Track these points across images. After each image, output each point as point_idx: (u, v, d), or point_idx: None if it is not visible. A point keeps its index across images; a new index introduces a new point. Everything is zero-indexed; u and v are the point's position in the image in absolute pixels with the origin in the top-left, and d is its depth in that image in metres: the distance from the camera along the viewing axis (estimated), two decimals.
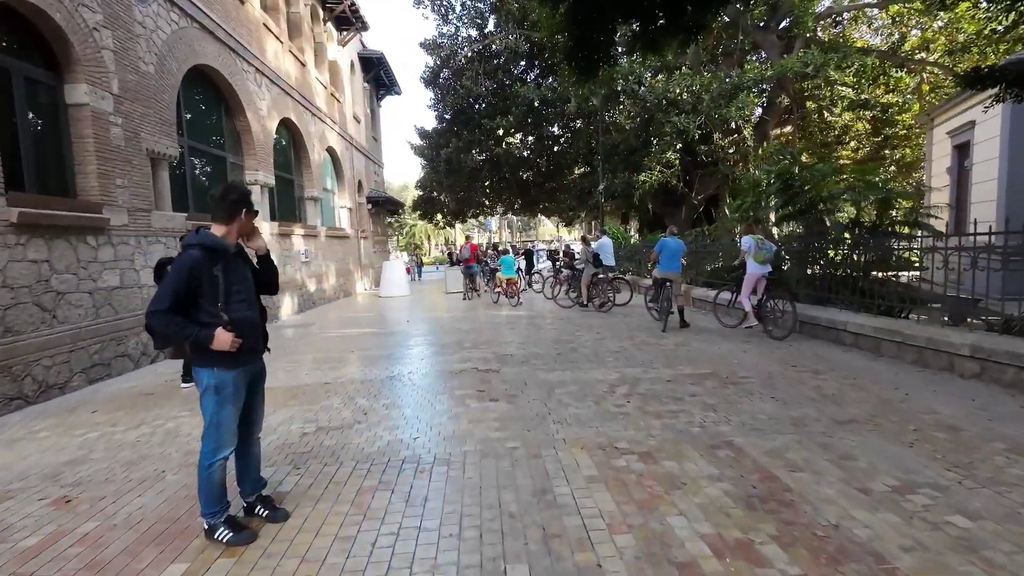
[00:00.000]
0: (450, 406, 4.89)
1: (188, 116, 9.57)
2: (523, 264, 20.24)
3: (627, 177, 19.79)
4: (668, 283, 8.85)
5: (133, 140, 7.44)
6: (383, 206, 21.99)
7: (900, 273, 8.00)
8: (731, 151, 17.53)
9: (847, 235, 8.19)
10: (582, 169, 26.02)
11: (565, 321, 10.08)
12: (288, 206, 13.92)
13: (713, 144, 17.54)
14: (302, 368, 6.78)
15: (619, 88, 18.29)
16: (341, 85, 18.20)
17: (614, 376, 5.70)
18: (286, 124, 13.46)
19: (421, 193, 28.64)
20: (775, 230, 11.66)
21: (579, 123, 23.63)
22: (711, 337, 7.93)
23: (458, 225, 39.53)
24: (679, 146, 16.86)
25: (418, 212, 29.51)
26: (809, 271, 8.91)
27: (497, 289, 14.80)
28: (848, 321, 6.88)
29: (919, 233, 7.41)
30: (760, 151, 16.51)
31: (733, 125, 16.71)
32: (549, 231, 65.38)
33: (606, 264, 12.20)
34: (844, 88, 15.58)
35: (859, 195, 8.69)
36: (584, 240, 12.89)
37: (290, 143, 14.07)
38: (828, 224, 9.26)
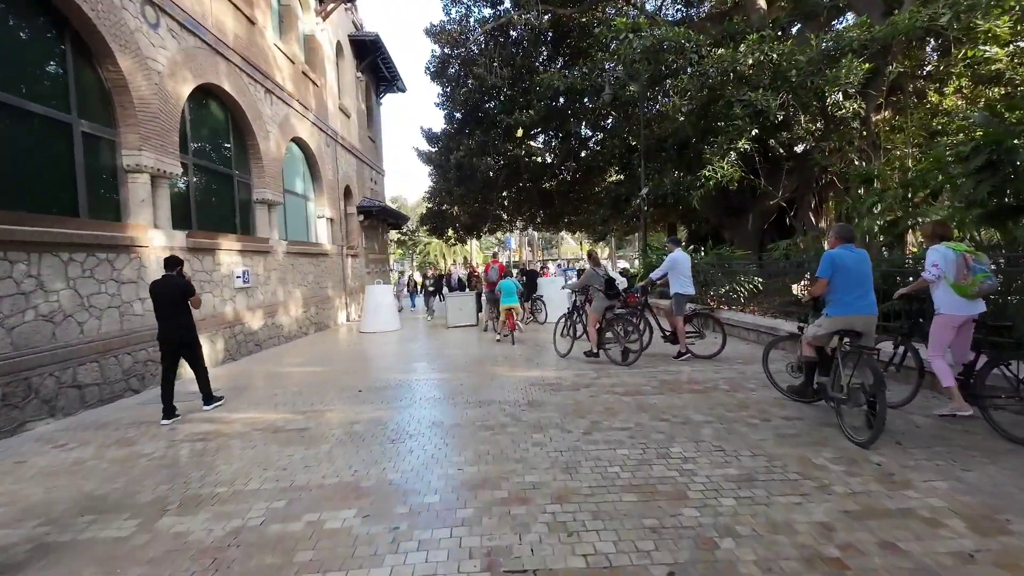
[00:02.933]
0: None
1: None
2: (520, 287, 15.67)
3: (679, 177, 15.33)
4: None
5: None
6: (377, 217, 17.89)
7: None
8: (818, 134, 12.91)
9: None
10: (615, 177, 21.65)
11: (618, 397, 5.58)
12: (220, 210, 9.80)
13: (798, 129, 12.99)
14: None
15: (669, 64, 13.96)
16: (321, 66, 14.24)
17: None
18: (213, 94, 9.41)
19: (430, 206, 24.55)
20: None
21: (612, 120, 19.36)
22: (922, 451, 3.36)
23: (474, 242, 35.38)
24: (754, 131, 12.35)
25: (426, 227, 25.38)
26: None
27: (503, 331, 10.49)
28: None
29: None
30: (877, 130, 11.93)
31: (830, 101, 12.19)
32: (571, 249, 60.75)
33: (684, 292, 7.70)
34: (994, 49, 10.89)
35: None
36: (592, 257, 8.33)
37: (227, 123, 10.00)
38: None
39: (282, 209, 12.02)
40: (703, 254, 13.75)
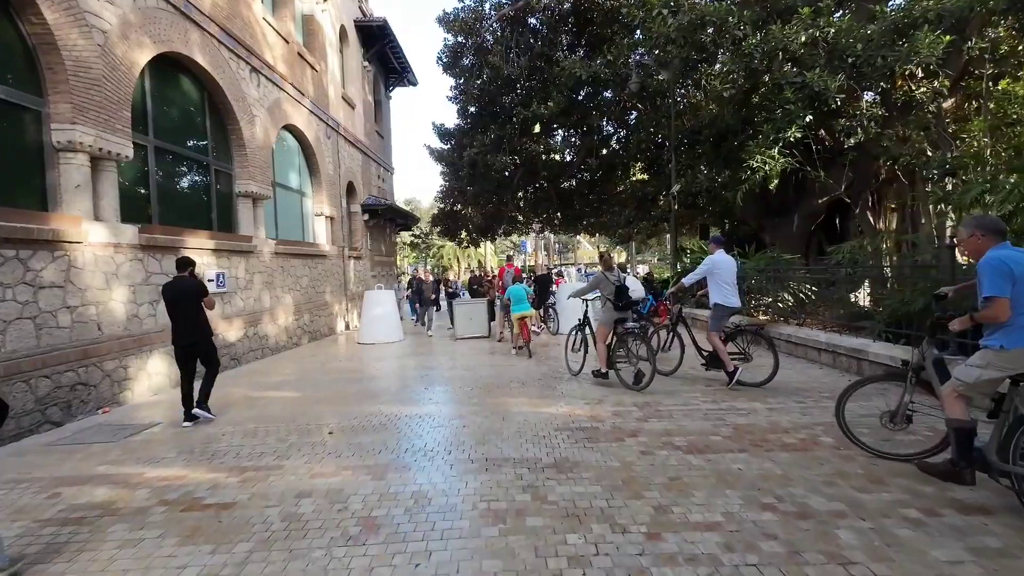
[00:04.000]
0: None
1: None
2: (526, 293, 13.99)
3: (714, 173, 13.62)
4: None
5: None
6: (384, 216, 16.43)
7: None
8: (881, 120, 11.09)
9: None
10: (639, 176, 19.97)
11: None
12: (191, 202, 8.37)
13: (858, 115, 11.23)
14: None
15: (706, 45, 12.32)
16: (320, 50, 12.85)
17: None
18: (184, 67, 8.00)
19: (441, 206, 23.06)
20: None
21: (637, 114, 17.70)
22: None
23: (488, 245, 33.88)
24: (808, 118, 10.60)
25: (438, 229, 23.90)
26: None
27: (518, 342, 9.12)
28: None
29: None
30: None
31: (901, 82, 10.42)
32: (587, 253, 58.86)
33: (726, 304, 6.08)
34: None
35: None
36: (604, 260, 6.76)
37: (202, 103, 8.58)
38: None
39: (271, 204, 10.60)
40: (745, 258, 12.03)
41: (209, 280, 8.04)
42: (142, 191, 7.19)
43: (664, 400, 5.40)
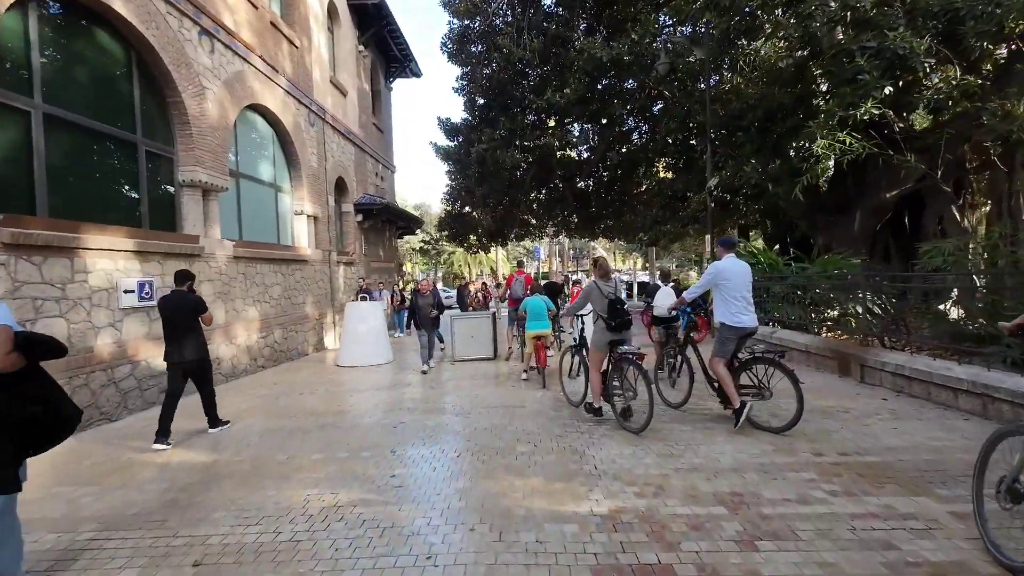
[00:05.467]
0: None
1: None
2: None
3: (760, 164, 11.46)
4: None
5: None
6: (380, 217, 14.47)
7: None
8: (967, 89, 8.81)
9: None
10: (663, 174, 17.85)
11: None
12: (104, 190, 6.43)
13: (946, 86, 9.02)
14: None
15: (753, 8, 10.26)
16: (303, 24, 10.98)
17: None
18: (98, 15, 6.09)
19: (448, 208, 21.12)
20: None
21: (663, 103, 15.61)
22: None
23: (500, 251, 31.86)
24: (886, 89, 8.41)
25: (445, 232, 21.96)
26: None
27: (529, 363, 7.38)
28: None
29: None
30: None
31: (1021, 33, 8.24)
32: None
33: (734, 324, 4.24)
34: None
35: None
36: (598, 266, 5.20)
37: (127, 66, 6.61)
38: None
39: (232, 199, 8.70)
40: (804, 263, 9.82)
41: (126, 291, 6.11)
42: (21, 173, 5.27)
43: (764, 491, 3.28)
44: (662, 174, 17.85)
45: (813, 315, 8.85)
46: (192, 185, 7.44)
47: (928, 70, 8.50)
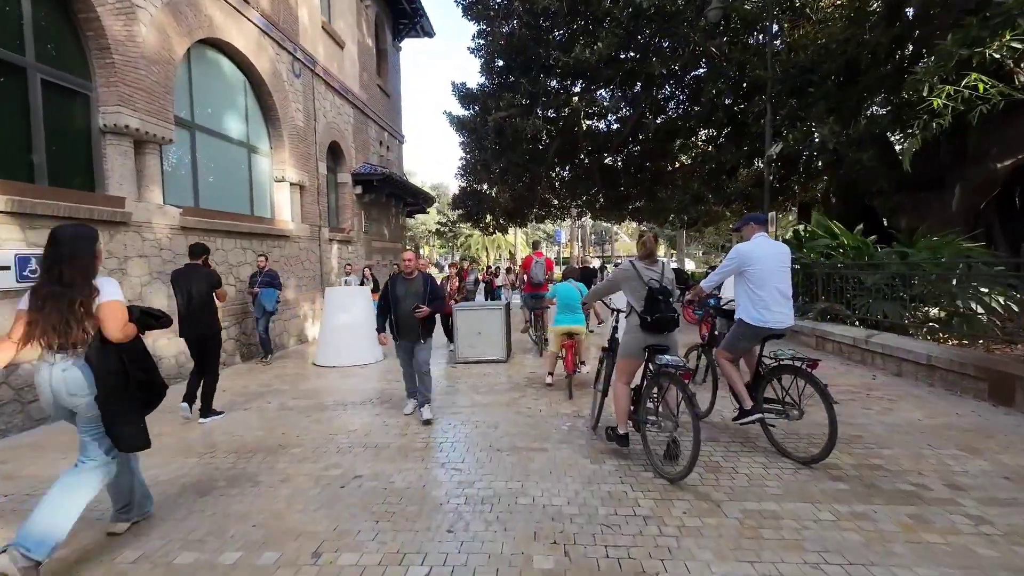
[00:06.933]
0: None
1: None
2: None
3: (838, 124, 9.23)
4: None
5: None
6: (382, 190, 12.61)
7: None
8: None
9: None
10: (702, 147, 15.62)
11: None
12: None
13: None
14: None
15: None
16: None
17: None
18: None
19: (463, 185, 19.15)
20: None
21: (708, 62, 13.33)
22: None
23: (518, 233, 29.85)
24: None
25: (459, 212, 20.03)
26: None
27: (552, 367, 5.70)
28: None
29: None
30: None
31: None
32: (626, 247, 53.87)
33: (755, 322, 3.26)
34: None
35: None
36: (643, 243, 3.45)
37: None
38: None
39: (185, 156, 6.91)
40: (905, 246, 7.66)
41: (2, 268, 4.38)
42: None
43: None
44: (702, 143, 15.63)
45: (917, 314, 6.77)
46: (117, 132, 5.65)
47: None
